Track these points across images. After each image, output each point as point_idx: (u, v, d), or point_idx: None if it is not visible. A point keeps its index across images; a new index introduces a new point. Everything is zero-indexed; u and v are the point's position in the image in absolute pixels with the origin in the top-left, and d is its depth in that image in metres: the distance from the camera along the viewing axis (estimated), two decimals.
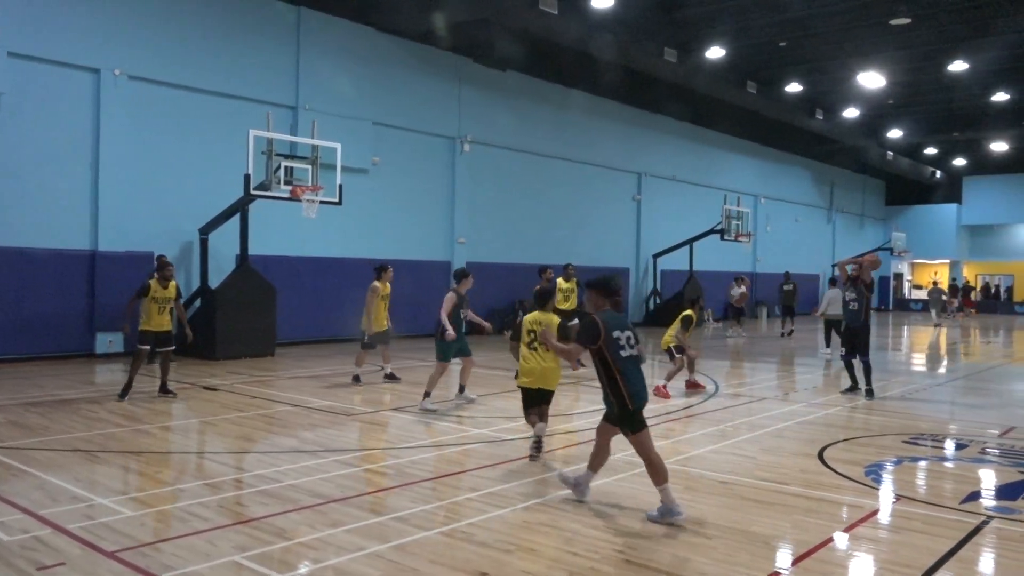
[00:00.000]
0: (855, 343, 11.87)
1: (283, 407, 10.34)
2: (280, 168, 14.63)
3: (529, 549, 5.11)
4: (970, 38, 23.44)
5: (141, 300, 10.48)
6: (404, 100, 20.55)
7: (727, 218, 27.00)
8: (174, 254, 16.12)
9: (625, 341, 5.86)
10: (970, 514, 6.02)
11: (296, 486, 6.49)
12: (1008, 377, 15.62)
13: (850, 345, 11.94)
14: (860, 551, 5.30)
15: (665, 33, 22.70)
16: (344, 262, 19.23)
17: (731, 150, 33.34)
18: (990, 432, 9.45)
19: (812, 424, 9.72)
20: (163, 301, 10.50)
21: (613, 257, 27.38)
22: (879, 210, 46.88)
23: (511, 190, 23.72)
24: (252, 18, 17.47)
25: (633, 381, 5.83)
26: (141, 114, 15.87)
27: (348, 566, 4.78)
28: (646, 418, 6.05)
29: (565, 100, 25.15)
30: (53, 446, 7.80)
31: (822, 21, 22.42)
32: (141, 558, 4.82)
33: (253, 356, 15.53)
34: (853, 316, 11.87)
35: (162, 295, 10.48)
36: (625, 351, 5.84)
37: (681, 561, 4.93)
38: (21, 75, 14.31)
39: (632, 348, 5.90)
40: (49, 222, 14.78)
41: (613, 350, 5.80)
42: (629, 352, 5.87)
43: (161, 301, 10.48)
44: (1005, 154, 40.77)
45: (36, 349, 14.53)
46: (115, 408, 9.93)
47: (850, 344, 11.95)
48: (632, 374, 5.85)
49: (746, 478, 6.99)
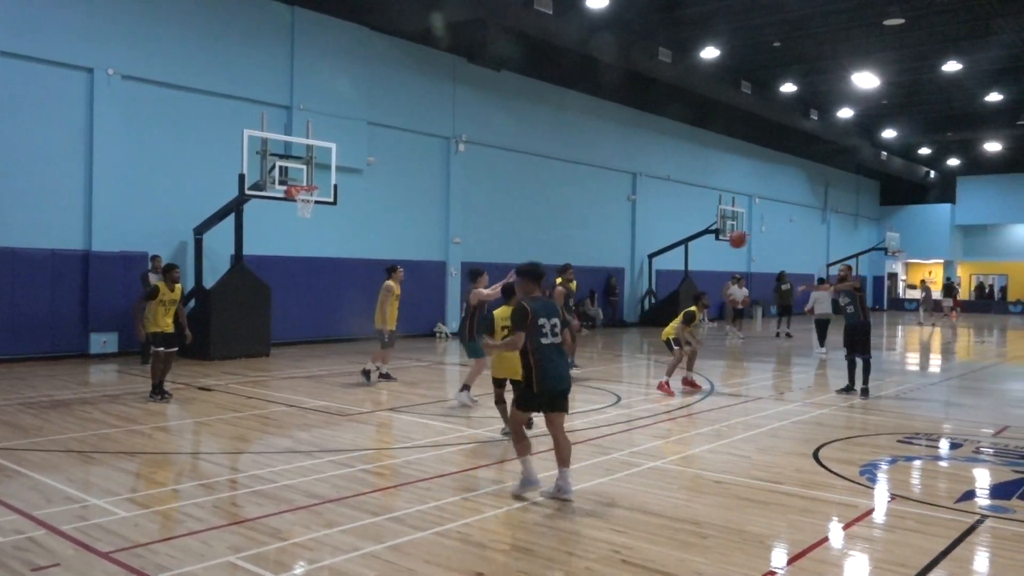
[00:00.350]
0: (855, 342, 11.94)
1: (278, 407, 10.32)
2: (275, 168, 14.60)
3: (525, 549, 5.10)
4: (963, 39, 23.54)
5: (149, 303, 10.51)
6: (399, 100, 20.54)
7: (722, 218, 27.03)
8: (169, 254, 16.06)
9: (549, 328, 6.09)
10: (965, 513, 6.04)
11: (291, 486, 6.48)
12: (1002, 376, 15.67)
13: (851, 344, 12.01)
14: (855, 550, 5.31)
15: (660, 33, 22.75)
16: (339, 262, 19.22)
17: (726, 150, 33.39)
18: (984, 431, 9.48)
19: (807, 424, 9.74)
20: (170, 304, 10.58)
21: (608, 257, 27.41)
22: (873, 210, 47.01)
23: (506, 190, 23.72)
24: (247, 17, 17.43)
25: (548, 367, 6.06)
26: (135, 114, 15.83)
27: (343, 566, 4.77)
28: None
29: (560, 100, 25.16)
30: (47, 447, 7.77)
31: (816, 22, 22.49)
32: (136, 559, 4.81)
33: (248, 356, 15.50)
34: (851, 316, 11.96)
35: (170, 297, 10.58)
36: (547, 339, 6.07)
37: (677, 561, 4.93)
38: (14, 75, 14.26)
39: (555, 336, 6.12)
40: (43, 222, 14.73)
41: (535, 336, 6.04)
42: (551, 340, 6.09)
43: (168, 304, 10.56)
44: (999, 154, 40.92)
45: (30, 349, 14.47)
46: (109, 409, 9.90)
47: (851, 343, 12.01)
48: (549, 360, 6.07)
49: (741, 477, 6.99)
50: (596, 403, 10.97)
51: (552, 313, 6.17)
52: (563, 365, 6.23)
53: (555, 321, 6.15)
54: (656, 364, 16.27)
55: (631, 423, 9.55)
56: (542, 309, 6.13)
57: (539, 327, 6.06)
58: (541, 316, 6.08)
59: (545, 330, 6.07)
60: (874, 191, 47.19)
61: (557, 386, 6.12)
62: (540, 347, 6.06)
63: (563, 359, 6.23)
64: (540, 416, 7.77)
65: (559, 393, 6.15)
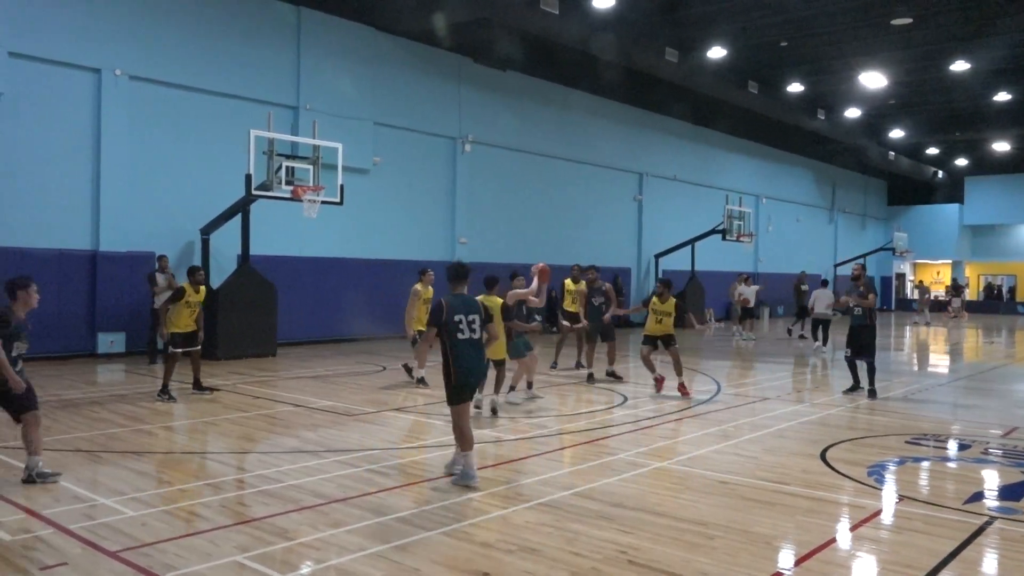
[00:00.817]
0: (860, 344, 11.89)
1: (285, 407, 10.33)
2: (281, 168, 14.62)
3: (531, 549, 5.10)
4: (971, 38, 23.43)
5: (175, 304, 10.65)
6: (405, 100, 20.55)
7: (729, 218, 26.97)
8: (175, 254, 16.13)
9: (466, 325, 6.37)
10: (973, 515, 6.01)
11: (298, 486, 6.48)
12: (1010, 377, 15.59)
13: (856, 346, 11.95)
14: (862, 552, 5.29)
15: (666, 33, 22.70)
16: (345, 262, 19.24)
17: (732, 150, 33.32)
18: (993, 433, 9.43)
19: (814, 424, 9.71)
20: (195, 305, 10.78)
21: (615, 257, 27.36)
22: (881, 210, 46.85)
23: (512, 190, 23.71)
24: (253, 18, 17.47)
25: (462, 361, 6.36)
26: (142, 114, 15.88)
27: (350, 566, 4.77)
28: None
29: (566, 100, 25.14)
30: (55, 446, 7.79)
31: (824, 21, 22.41)
32: (143, 558, 4.82)
33: (254, 356, 15.53)
34: (857, 318, 11.91)
35: (195, 299, 10.78)
36: (463, 335, 6.36)
37: (683, 561, 4.92)
38: (22, 75, 14.31)
39: (472, 332, 6.40)
40: (50, 222, 14.78)
41: (451, 331, 6.35)
42: (467, 336, 6.37)
43: (193, 305, 10.76)
44: (1007, 154, 40.73)
45: (37, 349, 14.37)
46: (117, 408, 9.94)
47: (856, 345, 11.96)
48: (463, 355, 6.37)
49: (748, 478, 6.97)
50: (603, 403, 10.95)
51: (471, 311, 6.44)
52: (477, 360, 6.50)
53: (473, 318, 6.41)
54: (662, 364, 16.22)
55: (637, 423, 9.53)
56: (460, 306, 6.41)
57: (455, 323, 6.33)
58: (458, 313, 6.37)
59: (462, 326, 6.35)
60: (881, 191, 47.03)
61: (468, 379, 6.44)
62: (456, 342, 6.36)
63: (478, 354, 6.50)
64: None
65: (475, 383, 6.58)
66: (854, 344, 11.96)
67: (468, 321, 6.41)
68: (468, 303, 6.51)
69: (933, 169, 44.13)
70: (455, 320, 6.36)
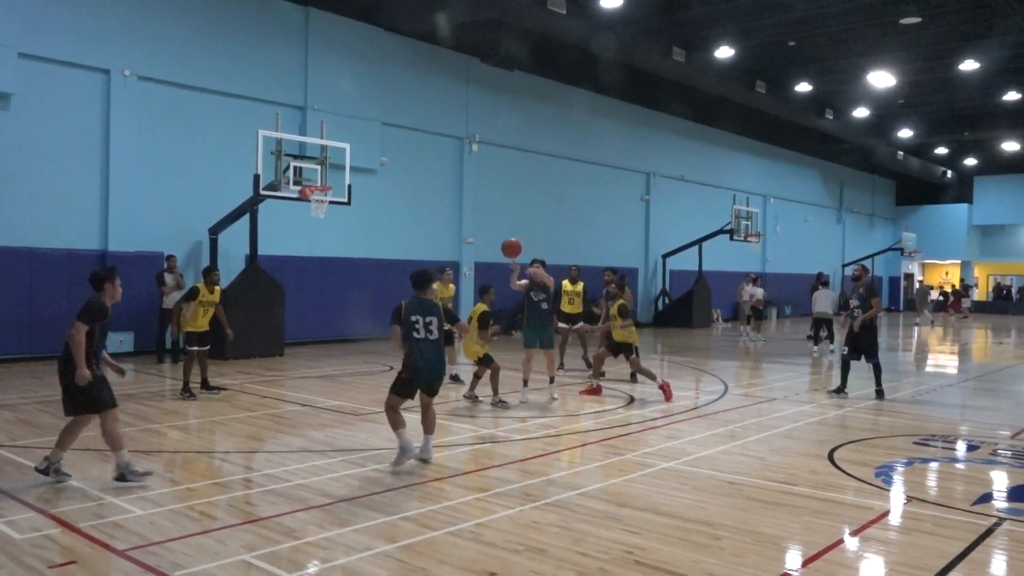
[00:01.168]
0: (861, 345, 11.74)
1: (292, 407, 10.36)
2: (289, 168, 14.66)
3: (538, 549, 5.10)
4: (980, 37, 23.31)
5: (189, 304, 10.85)
6: (412, 100, 20.57)
7: (736, 218, 26.89)
8: (184, 254, 16.19)
9: (423, 326, 6.91)
10: (982, 516, 5.98)
11: (305, 486, 6.50)
12: (1019, 378, 15.51)
13: (854, 346, 11.80)
14: (870, 553, 5.28)
15: (673, 33, 22.66)
16: (353, 262, 19.27)
17: (740, 150, 33.25)
18: (1001, 433, 9.39)
19: (822, 425, 9.69)
20: (208, 304, 10.96)
21: (622, 257, 27.33)
22: (889, 210, 46.68)
23: (519, 190, 23.71)
24: (260, 19, 17.52)
25: (415, 358, 6.93)
26: (150, 115, 15.94)
27: (356, 566, 4.78)
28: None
29: (573, 100, 25.11)
30: None
31: (831, 20, 22.34)
32: (151, 557, 4.84)
33: (262, 356, 15.57)
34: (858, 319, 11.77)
35: (209, 299, 10.96)
36: (419, 334, 6.91)
37: (690, 562, 4.92)
38: (31, 76, 14.38)
39: (428, 333, 6.94)
40: (59, 222, 14.86)
41: (407, 331, 6.91)
42: (423, 335, 6.92)
43: (207, 304, 10.94)
44: (1016, 153, 40.53)
45: (47, 348, 14.57)
46: (125, 407, 9.95)
47: (854, 345, 11.81)
48: (419, 352, 6.92)
49: (755, 479, 6.96)
50: (609, 404, 10.95)
51: (428, 312, 6.97)
52: (432, 359, 7.01)
53: (431, 320, 6.94)
54: (670, 365, 16.22)
55: (644, 423, 9.52)
56: (418, 308, 6.95)
57: (412, 323, 6.87)
58: (415, 314, 6.91)
59: (418, 327, 6.89)
60: (890, 191, 46.85)
61: (418, 376, 6.97)
62: (413, 341, 6.92)
63: (435, 354, 7.02)
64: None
65: (427, 380, 7.06)
66: (854, 344, 11.79)
67: (425, 323, 6.94)
68: (427, 306, 7.02)
69: (942, 169, 43.93)
70: (412, 320, 6.90)
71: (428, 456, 7.24)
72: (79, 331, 6.24)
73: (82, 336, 6.23)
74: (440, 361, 7.15)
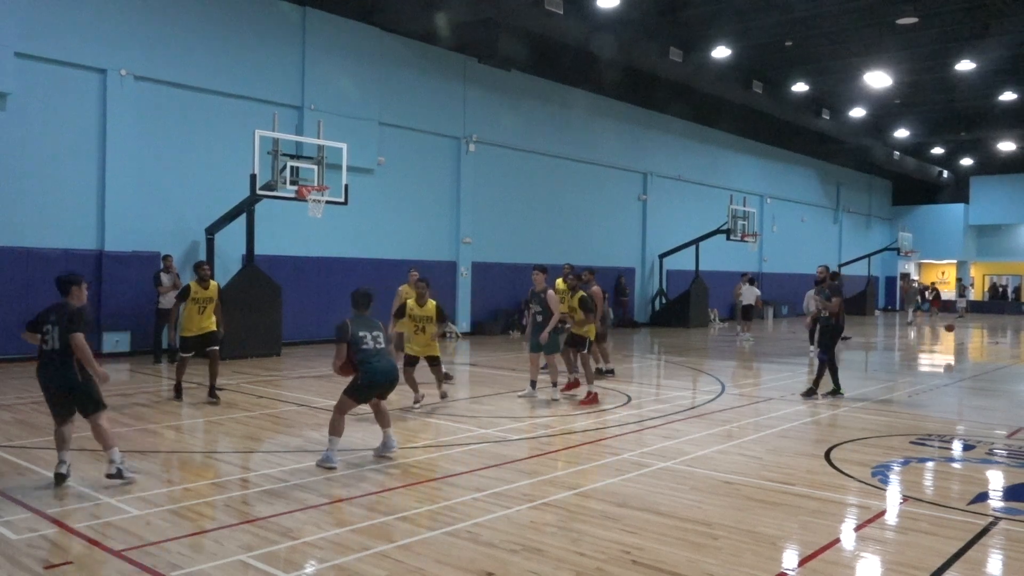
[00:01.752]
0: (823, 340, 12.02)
1: (289, 407, 10.35)
2: (286, 168, 14.63)
3: (535, 549, 5.10)
4: (977, 37, 23.36)
5: (183, 303, 10.52)
6: (410, 100, 20.57)
7: (733, 218, 26.92)
8: (181, 254, 16.17)
9: (371, 339, 7.40)
10: (978, 515, 5.99)
11: (302, 486, 6.50)
12: (1015, 378, 15.55)
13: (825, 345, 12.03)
14: (867, 552, 5.28)
15: (670, 33, 22.68)
16: (350, 262, 19.26)
17: (737, 150, 33.28)
18: (998, 433, 9.41)
19: (819, 425, 9.70)
20: (204, 302, 10.52)
21: (619, 257, 27.36)
22: (886, 210, 46.74)
23: (516, 190, 23.72)
24: (257, 18, 17.50)
25: (367, 367, 7.32)
26: (147, 114, 15.91)
27: (354, 565, 4.78)
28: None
29: (570, 100, 25.13)
30: None
31: (828, 21, 22.36)
32: (148, 557, 4.83)
33: (259, 356, 15.55)
34: (824, 317, 11.99)
35: (203, 296, 10.52)
36: (367, 346, 7.37)
37: (687, 561, 4.92)
38: (28, 75, 14.35)
39: (376, 344, 7.43)
40: (56, 222, 14.83)
41: (356, 344, 7.34)
42: (371, 346, 7.39)
43: (202, 302, 10.50)
44: (1012, 154, 40.60)
45: None
46: (122, 408, 9.95)
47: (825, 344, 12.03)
48: (367, 363, 7.33)
49: (752, 478, 6.97)
50: (607, 403, 10.95)
51: (374, 329, 7.51)
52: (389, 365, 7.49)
53: (377, 334, 7.46)
54: (667, 365, 16.23)
55: (642, 423, 9.53)
56: (364, 326, 7.48)
57: (360, 337, 7.33)
58: (363, 330, 7.39)
59: (367, 340, 7.35)
60: (886, 191, 46.93)
61: (374, 379, 7.37)
62: (361, 352, 7.31)
63: (385, 361, 7.44)
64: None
65: (387, 383, 7.50)
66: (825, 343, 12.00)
67: (373, 336, 7.42)
68: (369, 323, 7.58)
69: (938, 169, 44.00)
70: (360, 335, 7.34)
71: (391, 447, 7.61)
72: (83, 340, 6.78)
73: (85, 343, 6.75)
74: (395, 368, 7.64)
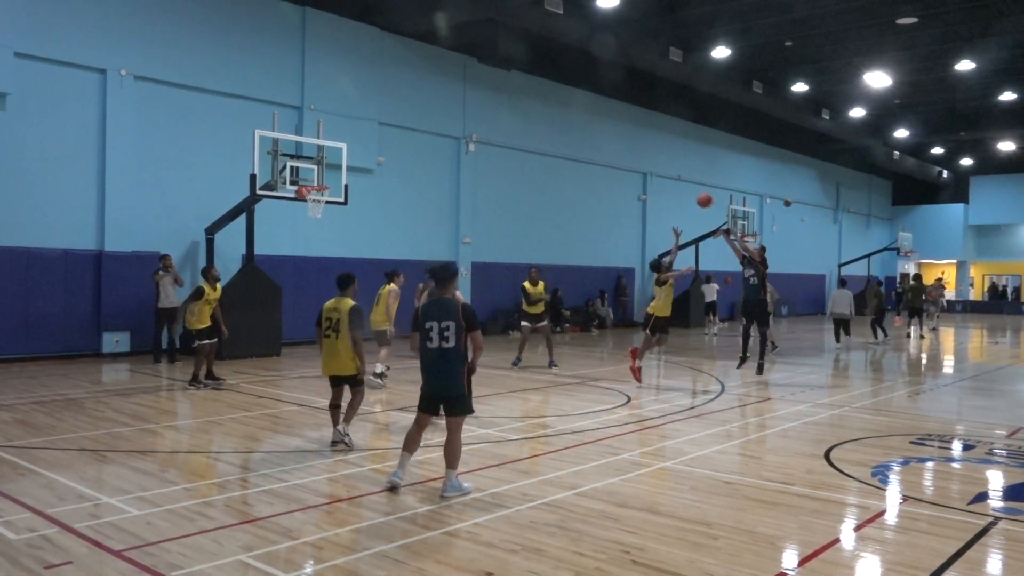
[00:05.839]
0: (753, 314, 12.44)
1: (289, 407, 10.35)
2: (286, 168, 14.64)
3: (535, 549, 5.10)
4: (977, 37, 23.36)
5: (196, 302, 11.65)
6: (409, 100, 20.56)
7: (733, 218, 26.92)
8: (180, 254, 16.17)
9: (437, 333, 6.30)
10: (977, 515, 5.99)
11: (302, 486, 6.50)
12: (1015, 378, 15.54)
13: (748, 315, 12.62)
14: (867, 552, 5.29)
15: (670, 33, 22.68)
16: (349, 262, 19.21)
17: (737, 150, 33.28)
18: (997, 433, 9.41)
19: (818, 424, 9.70)
20: (213, 302, 11.87)
21: (619, 257, 27.36)
22: (885, 210, 46.74)
23: (516, 190, 23.72)
24: (257, 18, 17.49)
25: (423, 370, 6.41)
26: (147, 114, 15.91)
27: (354, 565, 4.78)
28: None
29: (570, 100, 25.12)
30: (60, 445, 7.83)
31: (828, 21, 22.37)
32: (148, 557, 4.83)
33: (259, 356, 15.56)
34: (752, 290, 12.22)
35: (214, 297, 11.88)
36: (432, 343, 6.31)
37: (687, 561, 4.92)
38: (28, 75, 14.35)
39: (443, 340, 6.29)
40: (55, 222, 14.83)
41: (422, 338, 6.38)
42: (437, 344, 6.31)
43: (212, 302, 11.83)
44: (1012, 154, 40.62)
45: (43, 349, 14.58)
46: (121, 407, 9.96)
47: (748, 314, 12.65)
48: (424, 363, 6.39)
49: (752, 478, 6.97)
50: (606, 403, 10.95)
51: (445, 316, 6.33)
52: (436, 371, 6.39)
53: (446, 324, 6.27)
54: (667, 365, 16.23)
55: (641, 423, 9.53)
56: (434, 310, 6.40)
57: (426, 330, 6.31)
58: (430, 319, 6.31)
59: (432, 334, 6.28)
60: (886, 191, 46.93)
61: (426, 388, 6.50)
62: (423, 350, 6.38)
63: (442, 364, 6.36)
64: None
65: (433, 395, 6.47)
66: (747, 314, 12.72)
67: (441, 328, 6.31)
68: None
69: (938, 169, 44.01)
70: (426, 327, 6.38)
71: (444, 492, 6.24)
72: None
73: None
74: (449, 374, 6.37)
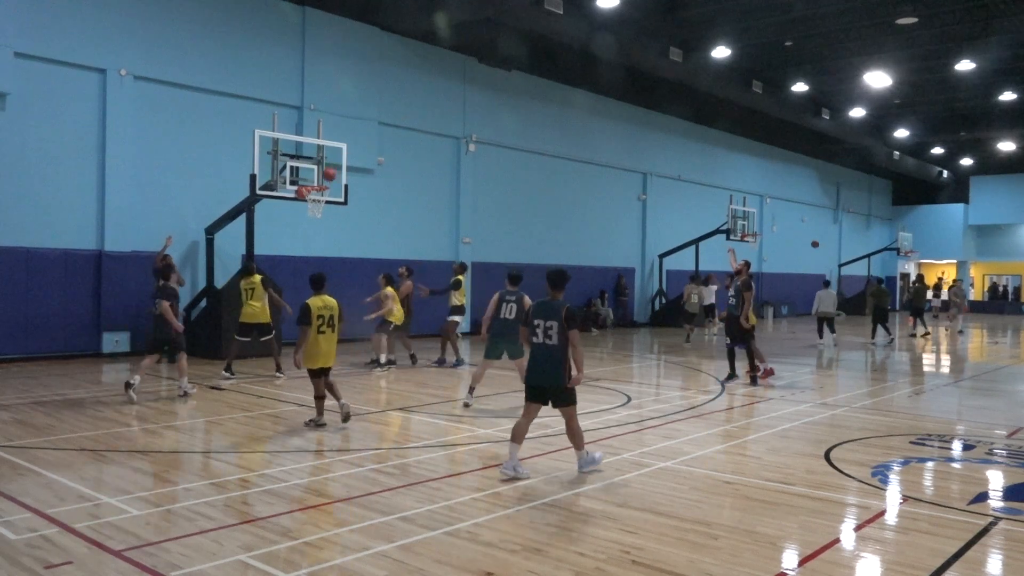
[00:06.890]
0: (735, 333, 12.91)
1: (289, 407, 10.35)
2: (286, 168, 14.63)
3: (535, 549, 5.10)
4: (977, 37, 23.36)
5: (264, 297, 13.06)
6: (409, 100, 20.57)
7: (733, 218, 26.92)
8: (180, 254, 16.17)
9: (542, 330, 6.80)
10: (977, 515, 6.00)
11: (302, 486, 6.50)
12: (1015, 378, 15.55)
13: (732, 334, 13.01)
14: (867, 552, 5.29)
15: (670, 33, 22.68)
16: (350, 262, 19.26)
17: (737, 150, 33.29)
18: (997, 433, 9.41)
19: (818, 424, 9.70)
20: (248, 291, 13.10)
21: (619, 257, 27.37)
22: (885, 210, 46.75)
23: (516, 190, 23.72)
24: (257, 18, 17.50)
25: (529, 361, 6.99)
26: (147, 114, 15.91)
27: (353, 565, 4.78)
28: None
29: (570, 100, 25.14)
30: (60, 445, 7.83)
31: (828, 21, 22.38)
32: (147, 557, 4.83)
33: (259, 356, 15.53)
34: (734, 309, 12.97)
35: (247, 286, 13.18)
36: (538, 338, 6.84)
37: (687, 561, 4.92)
38: (28, 75, 14.35)
39: (547, 337, 6.77)
40: (55, 222, 14.83)
41: (529, 333, 6.96)
42: (541, 339, 6.81)
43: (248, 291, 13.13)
44: (1012, 153, 40.62)
45: (43, 349, 14.57)
46: (121, 407, 9.96)
47: (732, 334, 13.01)
48: (529, 356, 6.98)
49: (752, 478, 6.97)
50: (606, 403, 10.95)
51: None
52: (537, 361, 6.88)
53: (551, 323, 6.76)
54: (667, 365, 16.23)
55: (641, 423, 9.53)
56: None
57: (533, 327, 6.88)
58: (538, 317, 6.87)
59: (538, 330, 6.81)
60: (886, 191, 46.94)
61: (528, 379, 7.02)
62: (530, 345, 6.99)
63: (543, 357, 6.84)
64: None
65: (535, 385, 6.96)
66: (731, 333, 13.03)
67: (546, 326, 6.77)
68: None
69: (938, 169, 44.01)
70: (534, 324, 6.87)
71: (581, 469, 6.96)
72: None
73: None
74: (550, 364, 6.75)
